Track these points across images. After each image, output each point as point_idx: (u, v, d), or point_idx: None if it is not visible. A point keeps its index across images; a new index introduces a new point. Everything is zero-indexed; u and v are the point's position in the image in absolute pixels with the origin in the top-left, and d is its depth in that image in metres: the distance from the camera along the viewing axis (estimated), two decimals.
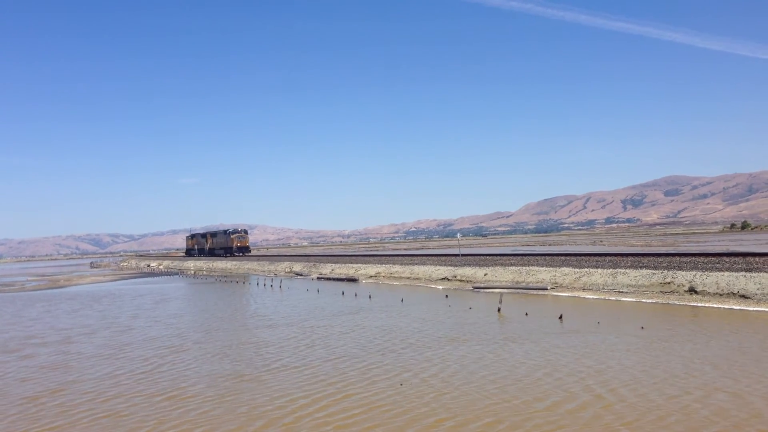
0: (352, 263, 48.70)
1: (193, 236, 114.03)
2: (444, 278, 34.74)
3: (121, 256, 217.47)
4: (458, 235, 50.54)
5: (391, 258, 48.71)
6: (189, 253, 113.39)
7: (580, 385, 10.94)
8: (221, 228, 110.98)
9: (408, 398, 10.62)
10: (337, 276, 43.93)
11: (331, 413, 9.98)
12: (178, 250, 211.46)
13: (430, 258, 43.48)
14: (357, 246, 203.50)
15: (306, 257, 65.46)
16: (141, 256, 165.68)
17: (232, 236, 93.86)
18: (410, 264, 41.15)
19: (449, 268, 36.28)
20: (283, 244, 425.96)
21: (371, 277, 41.30)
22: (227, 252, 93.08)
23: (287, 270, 54.51)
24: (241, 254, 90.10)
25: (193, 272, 69.61)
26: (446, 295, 27.80)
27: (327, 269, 48.36)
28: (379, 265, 43.80)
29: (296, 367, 13.58)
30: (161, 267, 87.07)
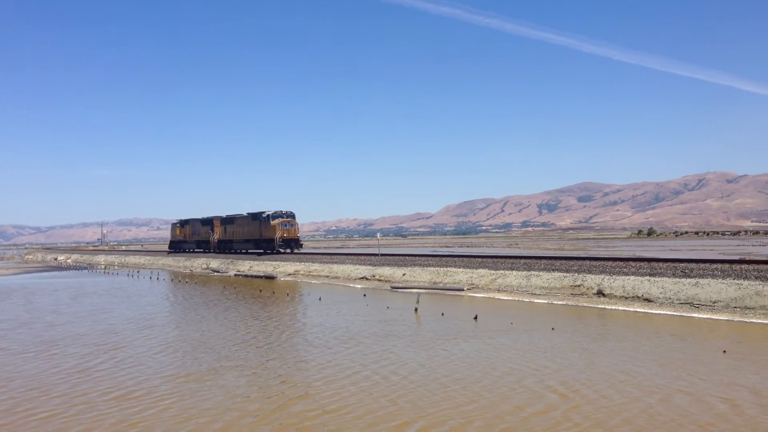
0: (270, 260, 48.08)
1: (185, 223, 74.05)
2: (363, 277, 34.78)
3: (26, 248, 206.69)
4: (378, 234, 51.36)
5: (310, 256, 48.38)
6: (176, 247, 75.32)
7: (519, 383, 11.14)
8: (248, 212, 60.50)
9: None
10: (255, 273, 43.25)
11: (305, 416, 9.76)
12: (88, 243, 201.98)
13: (349, 257, 43.44)
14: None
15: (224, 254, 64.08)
16: (48, 249, 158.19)
17: (272, 222, 54.28)
18: (330, 262, 40.99)
19: (368, 267, 36.35)
20: None
21: (290, 274, 40.90)
22: (263, 246, 55.81)
23: (204, 266, 53.29)
24: (290, 251, 53.95)
25: (103, 266, 67.04)
26: (364, 294, 27.83)
27: (245, 266, 47.56)
28: (297, 263, 43.42)
29: (237, 367, 13.24)
30: (69, 261, 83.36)
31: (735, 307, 18.62)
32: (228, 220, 63.06)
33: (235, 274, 44.96)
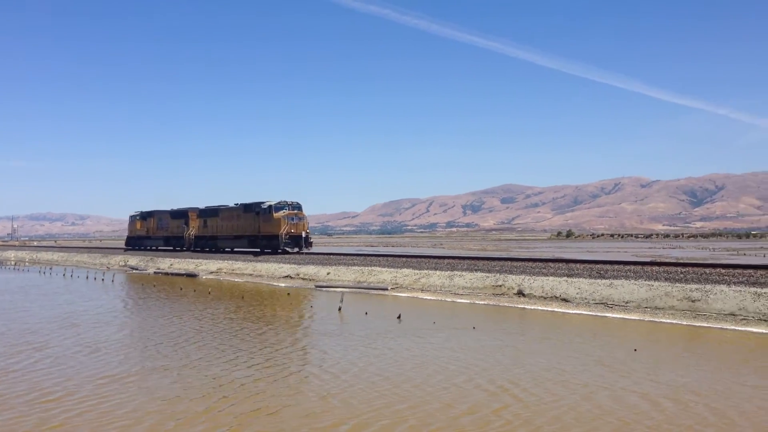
0: (192, 258, 47.01)
1: (147, 216, 61.33)
2: (287, 276, 34.45)
3: None
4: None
5: (234, 254, 47.55)
6: (136, 244, 62.65)
7: (448, 381, 11.20)
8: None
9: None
10: (175, 271, 42.16)
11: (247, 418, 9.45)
12: None
13: (273, 255, 42.92)
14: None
15: (143, 250, 62.18)
16: None
17: (276, 214, 43.55)
18: (253, 261, 40.41)
19: (292, 266, 36.03)
20: (118, 237, 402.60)
21: (212, 272, 40.08)
22: (261, 245, 44.77)
23: (122, 264, 51.59)
24: (297, 250, 43.05)
25: (14, 263, 63.89)
26: (288, 293, 27.58)
27: (165, 264, 46.32)
28: (220, 261, 42.60)
29: (163, 368, 12.77)
30: None
31: (646, 308, 19.41)
32: (209, 213, 51.90)
33: (155, 272, 43.74)
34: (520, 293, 23.13)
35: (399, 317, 19.31)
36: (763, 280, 19.38)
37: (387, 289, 27.12)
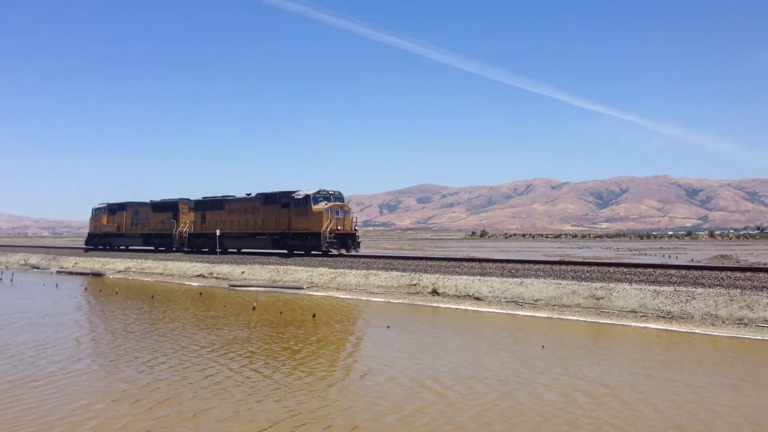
0: (99, 257, 45.23)
1: (118, 209, 51.18)
2: (200, 275, 33.64)
3: None
4: (217, 231, 47.02)
5: (143, 253, 46.04)
6: (102, 243, 52.84)
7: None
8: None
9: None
10: (80, 270, 40.44)
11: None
12: None
13: (186, 254, 41.83)
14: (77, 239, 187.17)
15: (46, 248, 59.38)
16: None
17: (316, 207, 35.06)
18: (164, 260, 39.24)
19: (206, 264, 35.22)
20: (18, 234, 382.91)
21: (120, 271, 38.66)
22: (293, 245, 36.63)
23: (22, 262, 49.03)
24: (344, 251, 35.49)
25: None
26: (200, 293, 26.93)
27: (70, 262, 44.38)
28: (129, 260, 41.17)
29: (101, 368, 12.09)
30: None
31: (554, 305, 20.06)
32: (210, 205, 43.16)
33: (58, 271, 41.80)
34: (435, 292, 23.43)
35: (314, 316, 19.18)
36: (661, 279, 20.38)
37: (302, 288, 26.90)
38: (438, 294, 23.27)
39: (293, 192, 36.55)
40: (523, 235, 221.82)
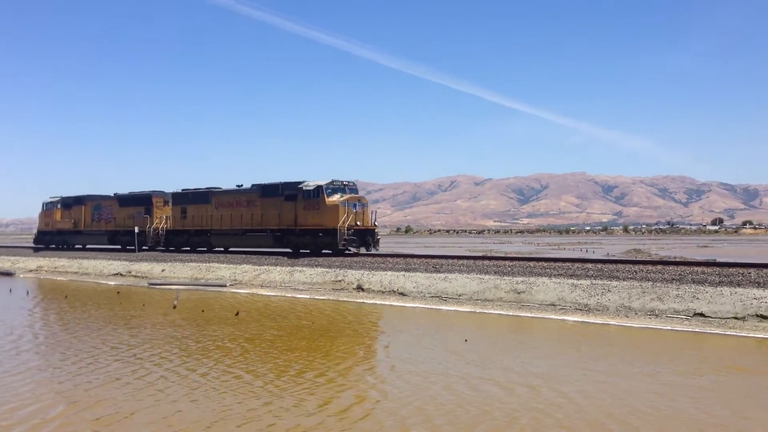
0: (8, 255, 43.12)
1: (74, 203, 45.94)
2: (117, 273, 32.54)
3: None
4: (136, 228, 44.47)
5: (56, 251, 44.16)
6: (53, 241, 47.61)
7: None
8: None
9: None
10: None
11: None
12: None
13: (103, 252, 40.38)
14: (22, 237, 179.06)
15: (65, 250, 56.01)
16: None
17: (330, 200, 30.90)
18: (79, 258, 37.75)
19: (124, 263, 34.08)
20: None
21: (31, 270, 36.99)
22: (301, 243, 32.06)
23: None
24: (364, 250, 31.31)
25: None
26: (118, 291, 26.04)
27: None
28: (41, 258, 39.42)
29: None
30: None
31: (477, 300, 20.40)
32: (192, 198, 38.09)
33: None
34: (360, 288, 23.43)
35: (237, 314, 18.85)
36: (579, 273, 21.05)
37: (225, 286, 26.41)
38: (363, 290, 23.27)
39: (300, 183, 32.35)
40: (447, 231, 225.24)
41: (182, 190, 39.59)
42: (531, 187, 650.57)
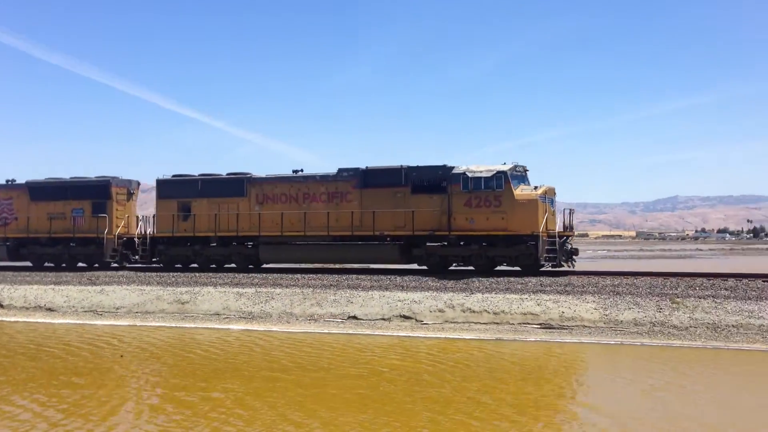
0: None
1: (36, 189, 26.41)
2: None
3: None
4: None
5: None
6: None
7: None
8: None
9: None
10: None
11: None
12: None
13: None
14: None
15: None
16: None
17: (520, 192, 20.46)
18: None
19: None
20: None
21: None
22: (456, 256, 21.27)
23: None
24: (565, 264, 21.24)
25: None
26: None
27: None
28: None
29: None
30: None
31: (137, 312, 19.30)
32: (206, 188, 24.53)
33: None
34: (1, 306, 20.55)
35: None
36: (245, 282, 21.05)
37: None
38: (2, 307, 20.44)
39: (452, 168, 21.66)
40: None
41: (174, 176, 25.61)
42: None
